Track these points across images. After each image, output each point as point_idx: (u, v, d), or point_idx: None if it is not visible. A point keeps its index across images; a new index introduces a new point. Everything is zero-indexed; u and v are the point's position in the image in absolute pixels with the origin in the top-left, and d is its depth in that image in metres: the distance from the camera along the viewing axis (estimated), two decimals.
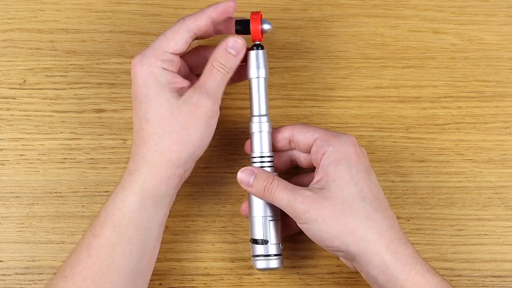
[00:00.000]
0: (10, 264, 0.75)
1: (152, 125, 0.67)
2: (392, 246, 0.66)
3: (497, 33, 0.81)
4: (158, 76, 0.67)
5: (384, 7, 0.81)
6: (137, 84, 0.67)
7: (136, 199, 0.66)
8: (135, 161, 0.67)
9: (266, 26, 0.70)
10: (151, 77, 0.67)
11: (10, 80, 0.78)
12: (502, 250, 0.77)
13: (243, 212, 0.73)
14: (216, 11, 0.69)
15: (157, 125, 0.67)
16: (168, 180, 0.67)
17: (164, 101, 0.67)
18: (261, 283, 0.75)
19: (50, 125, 0.77)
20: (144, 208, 0.66)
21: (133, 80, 0.68)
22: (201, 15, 0.69)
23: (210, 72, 0.68)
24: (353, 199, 0.66)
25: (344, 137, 0.68)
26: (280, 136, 0.71)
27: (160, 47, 0.68)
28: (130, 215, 0.66)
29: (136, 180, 0.67)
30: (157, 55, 0.67)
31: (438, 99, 0.79)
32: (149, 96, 0.67)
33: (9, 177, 0.76)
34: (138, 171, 0.67)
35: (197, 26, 0.68)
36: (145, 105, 0.67)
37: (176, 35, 0.68)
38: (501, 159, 0.78)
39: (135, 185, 0.66)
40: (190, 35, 0.68)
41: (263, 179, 0.68)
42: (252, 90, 0.71)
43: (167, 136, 0.66)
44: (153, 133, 0.67)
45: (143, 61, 0.67)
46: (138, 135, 0.68)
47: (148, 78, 0.67)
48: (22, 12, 0.79)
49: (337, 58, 0.80)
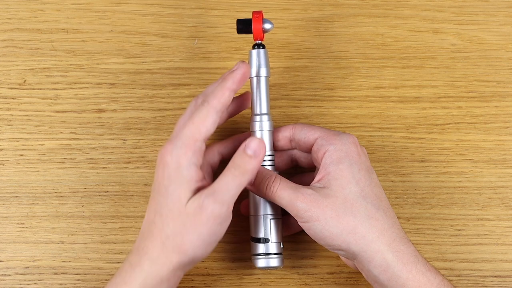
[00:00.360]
0: (10, 264, 0.74)
1: (163, 222, 0.65)
2: (394, 245, 0.66)
3: (497, 33, 0.81)
4: (183, 170, 0.64)
5: (384, 7, 0.81)
6: (161, 175, 0.65)
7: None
8: (139, 254, 0.65)
9: (268, 26, 0.70)
10: (176, 170, 0.64)
11: (10, 80, 0.78)
12: (502, 250, 0.77)
13: (243, 211, 0.73)
14: (235, 83, 0.67)
15: (167, 223, 0.64)
16: (168, 281, 0.65)
17: (179, 199, 0.64)
18: (261, 283, 0.75)
19: (50, 125, 0.77)
20: None
21: (159, 169, 0.66)
22: (223, 91, 0.66)
23: (224, 175, 0.65)
24: (355, 198, 0.66)
25: (345, 136, 0.68)
26: (281, 135, 0.71)
27: (191, 136, 0.65)
28: None
29: (137, 276, 0.65)
30: (188, 145, 0.65)
31: (438, 99, 0.79)
32: (168, 190, 0.65)
33: (9, 177, 0.76)
34: (140, 267, 0.65)
35: (223, 104, 0.66)
36: (163, 200, 0.65)
37: (206, 121, 0.65)
38: (501, 159, 0.78)
39: (135, 281, 0.65)
40: (218, 115, 0.66)
41: (264, 177, 0.68)
42: (253, 89, 0.71)
43: (172, 237, 0.64)
44: (161, 231, 0.65)
45: (174, 152, 0.65)
46: (148, 228, 0.66)
47: (173, 170, 0.65)
48: (22, 12, 0.79)
49: (337, 58, 0.80)
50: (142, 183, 0.76)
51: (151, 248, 0.65)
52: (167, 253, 0.64)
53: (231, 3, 0.80)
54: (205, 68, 0.79)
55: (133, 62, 0.78)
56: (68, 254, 0.75)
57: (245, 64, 0.67)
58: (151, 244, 0.65)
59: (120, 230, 0.75)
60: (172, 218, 0.64)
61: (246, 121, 0.77)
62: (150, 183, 0.76)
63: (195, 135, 0.65)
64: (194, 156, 0.65)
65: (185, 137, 0.65)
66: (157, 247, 0.65)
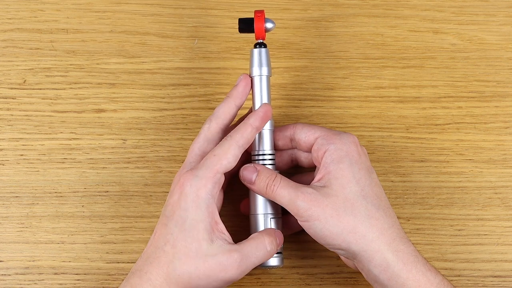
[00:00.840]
0: (10, 264, 0.74)
1: (174, 256, 0.64)
2: (394, 245, 0.66)
3: (497, 33, 0.81)
4: (202, 204, 0.65)
5: (384, 7, 0.81)
6: (177, 204, 0.65)
7: None
8: (141, 278, 0.65)
9: (269, 25, 0.70)
10: (195, 201, 0.65)
11: (10, 80, 0.78)
12: (502, 250, 0.77)
13: (243, 209, 0.73)
14: (259, 120, 0.68)
15: (179, 258, 0.64)
16: None
17: (197, 240, 0.64)
18: (261, 283, 0.75)
19: (50, 125, 0.77)
20: None
21: (175, 196, 0.66)
22: (246, 128, 0.67)
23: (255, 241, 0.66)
24: (355, 197, 0.66)
25: (346, 136, 0.68)
26: (282, 134, 0.72)
27: (212, 167, 0.65)
28: None
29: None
30: (209, 177, 0.65)
31: (438, 99, 0.79)
32: (185, 224, 0.65)
33: (9, 177, 0.76)
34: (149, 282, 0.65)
35: (246, 140, 0.67)
36: (178, 231, 0.65)
37: (228, 153, 0.66)
38: (501, 159, 0.78)
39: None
40: (240, 150, 0.67)
41: (266, 176, 0.68)
42: (254, 88, 0.71)
43: (180, 274, 0.64)
44: (170, 263, 0.64)
45: (193, 182, 0.65)
46: (156, 253, 0.65)
47: (192, 202, 0.65)
48: (22, 12, 0.79)
49: (337, 58, 0.80)
50: (142, 183, 0.76)
51: (155, 275, 0.65)
52: (170, 285, 0.64)
53: (231, 3, 0.80)
54: (205, 68, 0.79)
55: (133, 62, 0.78)
56: (68, 254, 0.75)
57: (267, 105, 0.69)
58: (155, 271, 0.65)
59: (120, 230, 0.75)
60: (186, 255, 0.64)
61: None
62: (150, 183, 0.76)
63: (216, 166, 0.65)
64: (214, 189, 0.65)
65: (206, 168, 0.65)
66: (161, 277, 0.64)
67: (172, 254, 0.65)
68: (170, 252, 0.65)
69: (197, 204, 0.65)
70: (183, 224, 0.65)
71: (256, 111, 0.69)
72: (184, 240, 0.65)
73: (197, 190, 0.65)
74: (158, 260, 0.65)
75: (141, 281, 0.65)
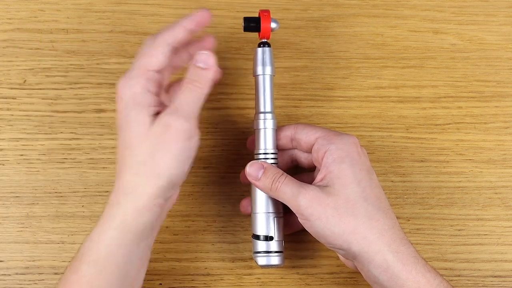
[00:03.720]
0: (10, 264, 0.74)
1: (131, 153, 0.65)
2: (394, 246, 0.66)
3: (497, 33, 0.81)
4: (139, 98, 0.65)
5: (384, 7, 0.81)
6: (120, 108, 0.66)
7: (115, 234, 0.64)
8: (116, 193, 0.65)
9: (274, 25, 0.70)
10: (132, 98, 0.65)
11: (10, 80, 0.78)
12: (502, 250, 0.77)
13: (243, 209, 0.73)
14: (192, 22, 0.68)
15: (136, 152, 0.64)
16: (148, 212, 0.64)
17: (141, 125, 0.64)
18: (261, 283, 0.75)
19: (50, 125, 0.77)
20: (125, 243, 0.64)
21: (117, 104, 0.66)
22: (177, 27, 0.67)
23: (181, 91, 0.66)
24: (356, 198, 0.66)
25: (346, 137, 0.69)
26: (283, 134, 0.72)
27: (142, 66, 0.66)
28: (110, 249, 0.64)
29: (116, 213, 0.64)
30: (141, 75, 0.65)
31: (438, 99, 0.79)
32: (129, 119, 0.65)
33: (9, 177, 0.76)
34: (118, 205, 0.65)
35: (174, 39, 0.67)
36: (125, 129, 0.65)
37: (155, 51, 0.66)
38: (501, 159, 0.78)
39: (115, 219, 0.64)
40: (169, 49, 0.67)
41: (272, 173, 0.68)
42: (258, 87, 0.71)
43: (144, 163, 0.64)
44: (131, 161, 0.64)
45: (127, 83, 0.65)
46: (120, 164, 0.66)
47: (129, 99, 0.65)
48: (22, 12, 0.79)
49: (337, 58, 0.80)
50: None
51: (125, 182, 0.65)
52: (141, 182, 0.64)
53: (231, 3, 0.80)
54: None
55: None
56: (68, 254, 0.75)
57: (206, 10, 0.68)
58: (125, 179, 0.65)
59: None
60: (139, 145, 0.64)
61: (246, 121, 0.77)
62: None
63: (146, 65, 0.66)
64: (148, 83, 0.65)
65: (136, 68, 0.66)
66: (131, 180, 0.64)
67: (130, 153, 0.64)
68: (128, 153, 0.64)
69: (135, 99, 0.65)
70: (127, 122, 0.65)
71: (193, 15, 0.68)
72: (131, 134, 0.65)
73: (132, 88, 0.65)
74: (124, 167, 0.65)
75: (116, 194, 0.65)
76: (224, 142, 0.77)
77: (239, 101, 0.78)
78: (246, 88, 0.77)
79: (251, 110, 0.77)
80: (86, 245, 0.65)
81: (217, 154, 0.77)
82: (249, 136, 0.74)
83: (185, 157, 0.65)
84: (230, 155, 0.77)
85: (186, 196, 0.76)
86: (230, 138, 0.77)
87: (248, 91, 0.78)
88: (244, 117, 0.78)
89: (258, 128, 0.71)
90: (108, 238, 0.64)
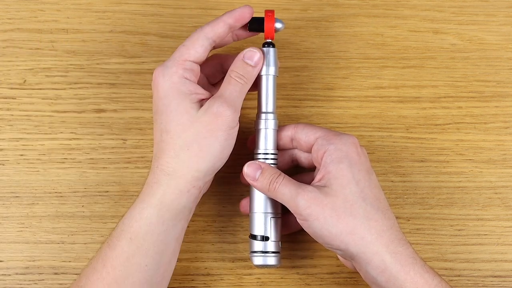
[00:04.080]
0: (10, 264, 0.75)
1: (172, 137, 0.67)
2: (392, 247, 0.66)
3: (497, 33, 0.81)
4: (179, 86, 0.67)
5: (384, 7, 0.81)
6: (158, 96, 0.68)
7: (154, 212, 0.66)
8: (154, 173, 0.67)
9: (279, 25, 0.71)
10: (172, 87, 0.67)
11: (10, 80, 0.78)
12: (502, 250, 0.77)
13: (242, 209, 0.73)
14: (233, 17, 0.69)
15: (178, 136, 0.66)
16: (187, 193, 0.67)
17: (185, 112, 0.67)
18: (261, 283, 0.75)
19: (50, 125, 0.77)
20: (162, 221, 0.66)
21: (155, 92, 0.68)
22: (218, 22, 0.69)
23: (229, 83, 0.68)
24: (354, 198, 0.66)
25: (346, 137, 0.69)
26: (283, 134, 0.72)
27: (180, 56, 0.68)
28: (148, 227, 0.66)
29: (155, 192, 0.67)
30: (178, 65, 0.67)
31: (438, 99, 0.79)
32: (170, 107, 0.67)
33: (9, 177, 0.76)
34: (157, 184, 0.67)
35: (216, 33, 0.69)
36: (166, 116, 0.67)
37: (196, 44, 0.68)
38: (501, 159, 0.78)
39: (154, 197, 0.66)
40: (209, 42, 0.68)
41: (269, 174, 0.68)
42: (261, 87, 0.71)
43: (187, 147, 0.66)
44: (173, 145, 0.67)
45: (165, 72, 0.67)
46: (158, 147, 0.68)
47: (169, 89, 0.67)
48: (22, 12, 0.79)
49: (337, 58, 0.80)
50: (142, 183, 0.76)
51: (165, 164, 0.67)
52: (182, 164, 0.66)
53: (231, 3, 0.80)
54: None
55: (133, 62, 0.78)
56: (68, 254, 0.75)
57: (249, 6, 0.70)
58: (165, 161, 0.67)
59: None
60: (183, 130, 0.66)
61: (246, 121, 0.77)
62: None
63: (184, 55, 0.68)
64: (185, 72, 0.67)
65: (174, 58, 0.68)
66: (171, 162, 0.66)
67: (171, 138, 0.67)
68: (168, 138, 0.67)
69: (175, 88, 0.67)
70: (168, 109, 0.67)
71: (234, 10, 0.69)
72: (173, 121, 0.67)
73: (170, 77, 0.67)
74: (163, 151, 0.67)
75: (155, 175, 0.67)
76: None
77: None
78: None
79: (252, 110, 0.77)
80: (125, 222, 0.67)
81: None
82: (250, 136, 0.74)
83: (228, 144, 0.68)
84: (230, 155, 0.77)
85: None
86: None
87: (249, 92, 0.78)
88: (244, 117, 0.78)
89: (259, 128, 0.71)
90: (148, 215, 0.66)
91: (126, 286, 0.66)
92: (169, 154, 0.67)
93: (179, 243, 0.69)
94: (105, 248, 0.67)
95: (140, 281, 0.66)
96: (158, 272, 0.67)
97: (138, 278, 0.66)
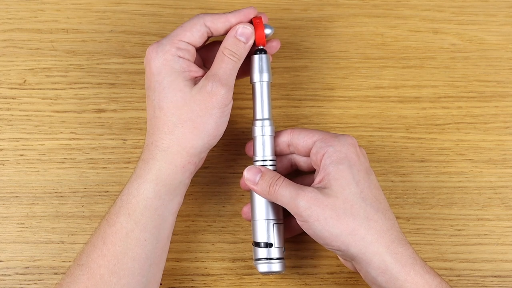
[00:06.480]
0: (10, 264, 0.75)
1: (166, 113, 0.67)
2: (392, 247, 0.66)
3: (497, 33, 0.81)
4: (173, 64, 0.68)
5: (384, 7, 0.81)
6: (151, 72, 0.68)
7: (151, 187, 0.67)
8: (149, 150, 0.68)
9: (268, 31, 0.71)
10: (165, 64, 0.67)
11: (10, 80, 0.78)
12: (502, 250, 0.77)
13: (244, 216, 0.73)
14: (237, 18, 0.70)
15: (172, 113, 0.67)
16: (183, 168, 0.67)
17: (178, 89, 0.67)
18: (261, 283, 0.75)
19: (50, 125, 0.77)
20: (159, 196, 0.67)
21: (147, 68, 0.69)
22: (220, 17, 0.69)
23: (221, 61, 0.69)
24: (354, 199, 0.66)
25: (344, 138, 0.68)
26: (279, 140, 0.71)
27: (176, 36, 0.68)
28: (145, 202, 0.66)
29: (151, 168, 0.67)
30: (172, 43, 0.68)
31: (438, 99, 0.79)
32: (163, 84, 0.67)
33: (9, 177, 0.76)
34: (153, 159, 0.67)
35: (214, 25, 0.69)
36: (159, 94, 0.67)
37: (193, 28, 0.69)
38: (501, 159, 0.78)
39: (150, 173, 0.67)
40: (206, 30, 0.69)
41: (269, 177, 0.68)
42: (255, 94, 0.71)
43: (181, 124, 0.67)
44: (167, 121, 0.67)
45: (159, 49, 0.68)
46: (152, 123, 0.68)
47: (162, 65, 0.68)
48: (22, 12, 0.79)
49: (337, 58, 0.80)
50: None
51: (160, 140, 0.67)
52: (177, 141, 0.67)
53: (231, 3, 0.80)
54: None
55: (133, 62, 0.78)
56: (68, 254, 0.75)
57: (253, 8, 0.70)
58: (159, 137, 0.67)
59: None
60: (177, 108, 0.67)
61: (246, 121, 0.77)
62: None
63: (179, 35, 0.68)
64: (180, 51, 0.68)
65: (169, 37, 0.69)
66: (166, 138, 0.67)
67: (164, 115, 0.67)
68: (161, 115, 0.67)
69: (168, 65, 0.67)
70: (161, 86, 0.67)
71: (239, 10, 0.70)
72: (166, 98, 0.67)
73: (164, 54, 0.68)
74: (157, 127, 0.67)
75: (151, 151, 0.68)
76: (224, 142, 0.77)
77: (239, 101, 0.78)
78: (246, 88, 0.77)
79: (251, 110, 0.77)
80: (123, 199, 0.67)
81: (217, 154, 0.77)
82: (249, 137, 0.74)
83: (223, 121, 0.68)
84: (230, 155, 0.77)
85: (186, 196, 0.76)
86: (230, 138, 0.77)
87: (248, 91, 0.78)
88: (244, 117, 0.78)
89: (256, 135, 0.71)
90: (145, 190, 0.67)
91: (127, 261, 0.66)
92: (163, 130, 0.67)
93: (175, 218, 0.69)
94: (104, 225, 0.67)
95: (140, 255, 0.66)
96: (157, 247, 0.67)
97: (138, 252, 0.66)
